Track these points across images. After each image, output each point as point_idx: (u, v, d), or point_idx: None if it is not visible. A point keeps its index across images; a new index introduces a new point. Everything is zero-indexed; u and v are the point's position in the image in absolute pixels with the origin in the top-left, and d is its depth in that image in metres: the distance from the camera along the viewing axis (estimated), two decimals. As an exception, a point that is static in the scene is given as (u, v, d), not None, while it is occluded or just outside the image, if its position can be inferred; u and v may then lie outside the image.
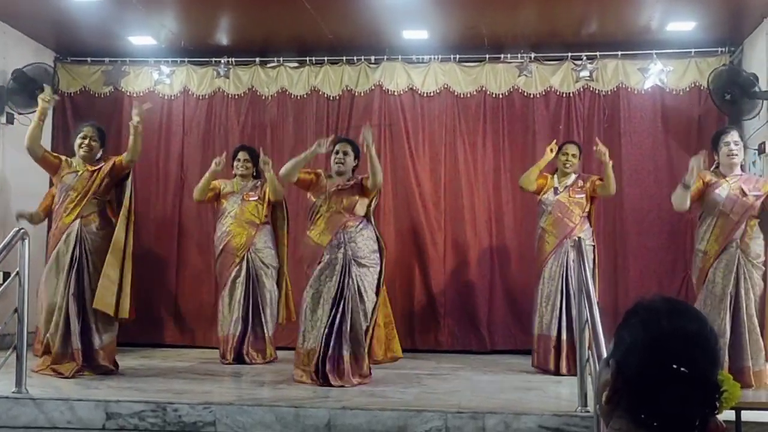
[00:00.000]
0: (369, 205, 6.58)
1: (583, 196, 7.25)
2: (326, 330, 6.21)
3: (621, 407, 1.61)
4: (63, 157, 6.80)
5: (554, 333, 7.03)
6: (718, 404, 1.57)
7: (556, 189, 7.31)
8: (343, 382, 6.14)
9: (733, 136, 6.37)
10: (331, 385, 6.07)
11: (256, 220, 7.76)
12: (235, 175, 7.95)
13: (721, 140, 6.36)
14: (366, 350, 6.33)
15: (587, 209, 7.28)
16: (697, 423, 1.56)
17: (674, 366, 1.54)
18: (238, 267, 7.69)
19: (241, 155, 7.98)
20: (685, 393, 1.54)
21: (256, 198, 7.81)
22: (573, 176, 7.35)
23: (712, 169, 6.49)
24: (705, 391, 1.56)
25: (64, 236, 6.55)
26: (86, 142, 6.73)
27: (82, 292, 6.51)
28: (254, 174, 7.98)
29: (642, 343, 1.60)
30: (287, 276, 7.90)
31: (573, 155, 7.35)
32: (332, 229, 6.36)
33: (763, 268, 6.21)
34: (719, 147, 6.36)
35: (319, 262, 6.34)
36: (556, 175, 7.40)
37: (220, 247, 7.79)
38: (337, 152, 6.56)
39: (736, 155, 6.31)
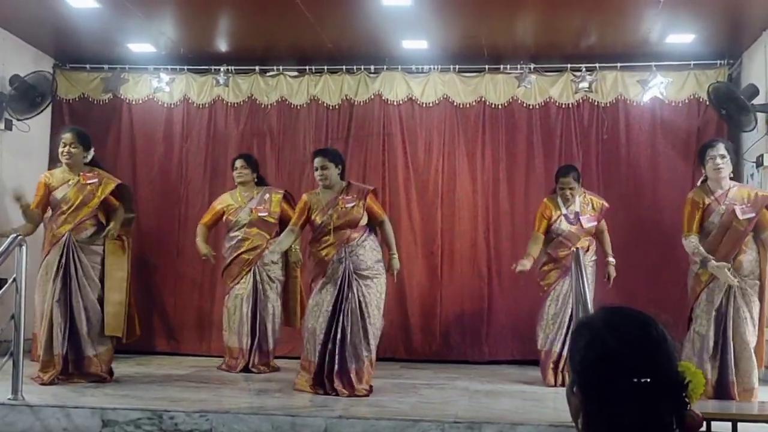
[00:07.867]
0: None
1: (594, 224, 7.15)
2: (329, 345, 6.17)
3: (597, 430, 1.58)
4: (44, 181, 6.62)
5: (557, 348, 7.00)
6: (687, 399, 1.55)
7: (566, 216, 7.16)
8: (352, 393, 6.10)
9: (718, 149, 6.13)
10: (338, 395, 6.04)
11: (271, 222, 7.73)
12: (236, 186, 7.93)
13: (706, 154, 6.16)
14: (366, 366, 6.23)
15: (593, 233, 7.21)
16: (674, 422, 1.54)
17: (635, 380, 1.52)
18: (243, 280, 7.65)
19: (238, 163, 7.94)
20: (655, 401, 1.52)
21: (266, 213, 7.74)
22: (578, 200, 7.20)
23: (699, 183, 6.37)
24: (674, 392, 1.53)
25: (56, 246, 6.47)
26: (66, 149, 6.60)
27: (68, 298, 6.41)
28: (256, 180, 7.95)
29: (594, 364, 1.56)
30: (300, 281, 7.86)
31: (571, 188, 7.13)
32: (338, 244, 6.30)
33: (758, 282, 6.06)
34: (705, 161, 6.17)
35: (323, 277, 6.31)
36: (559, 201, 7.21)
37: (231, 258, 7.72)
38: (316, 168, 6.47)
39: (722, 168, 6.10)
